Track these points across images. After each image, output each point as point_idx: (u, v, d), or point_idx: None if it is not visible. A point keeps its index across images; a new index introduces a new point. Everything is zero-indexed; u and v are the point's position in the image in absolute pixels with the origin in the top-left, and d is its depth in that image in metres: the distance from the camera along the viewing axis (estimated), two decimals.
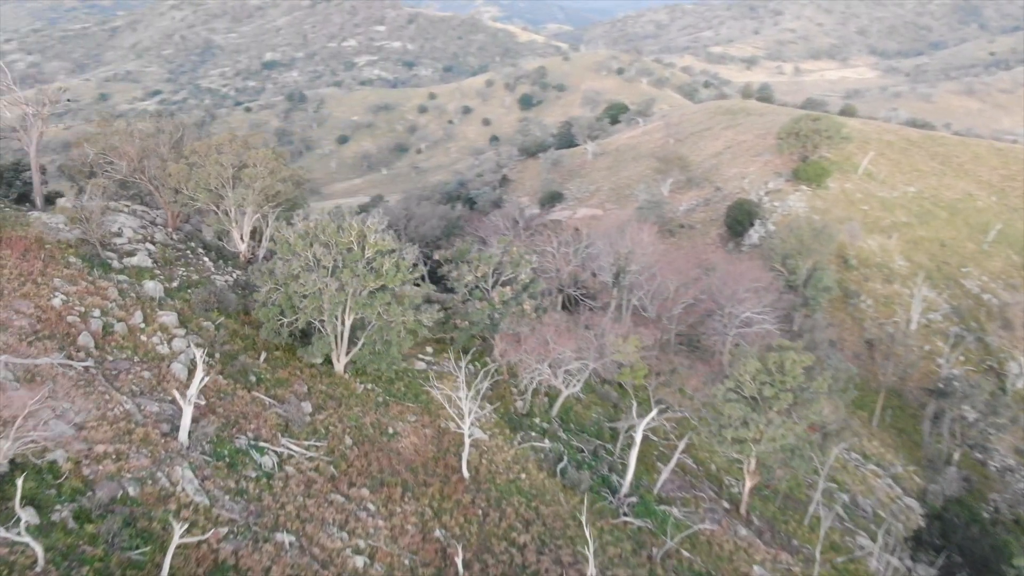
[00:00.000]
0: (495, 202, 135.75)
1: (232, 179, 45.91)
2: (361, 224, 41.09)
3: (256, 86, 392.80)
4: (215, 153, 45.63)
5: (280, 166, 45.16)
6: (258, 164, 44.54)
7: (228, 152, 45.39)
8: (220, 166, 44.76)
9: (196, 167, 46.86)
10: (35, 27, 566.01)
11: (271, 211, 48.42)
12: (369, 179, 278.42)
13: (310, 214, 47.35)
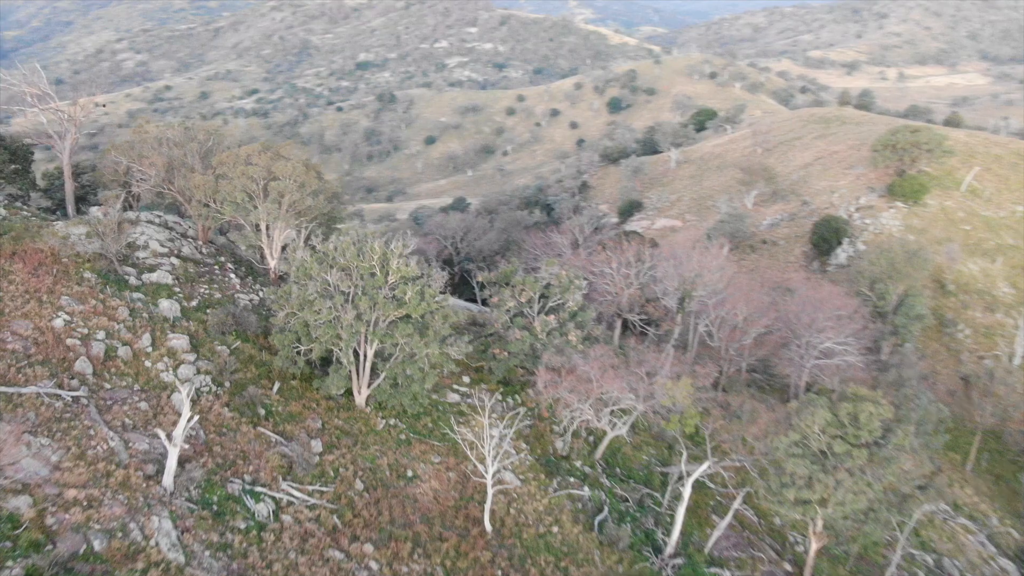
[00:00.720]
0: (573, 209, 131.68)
1: (262, 192, 43.33)
2: (383, 248, 37.68)
3: (349, 86, 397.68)
4: (243, 164, 43.03)
5: (311, 179, 42.09)
6: (287, 177, 41.71)
7: (257, 163, 42.70)
8: (247, 179, 42.14)
9: (223, 179, 44.42)
10: (145, 27, 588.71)
11: (304, 226, 45.56)
12: (454, 180, 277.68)
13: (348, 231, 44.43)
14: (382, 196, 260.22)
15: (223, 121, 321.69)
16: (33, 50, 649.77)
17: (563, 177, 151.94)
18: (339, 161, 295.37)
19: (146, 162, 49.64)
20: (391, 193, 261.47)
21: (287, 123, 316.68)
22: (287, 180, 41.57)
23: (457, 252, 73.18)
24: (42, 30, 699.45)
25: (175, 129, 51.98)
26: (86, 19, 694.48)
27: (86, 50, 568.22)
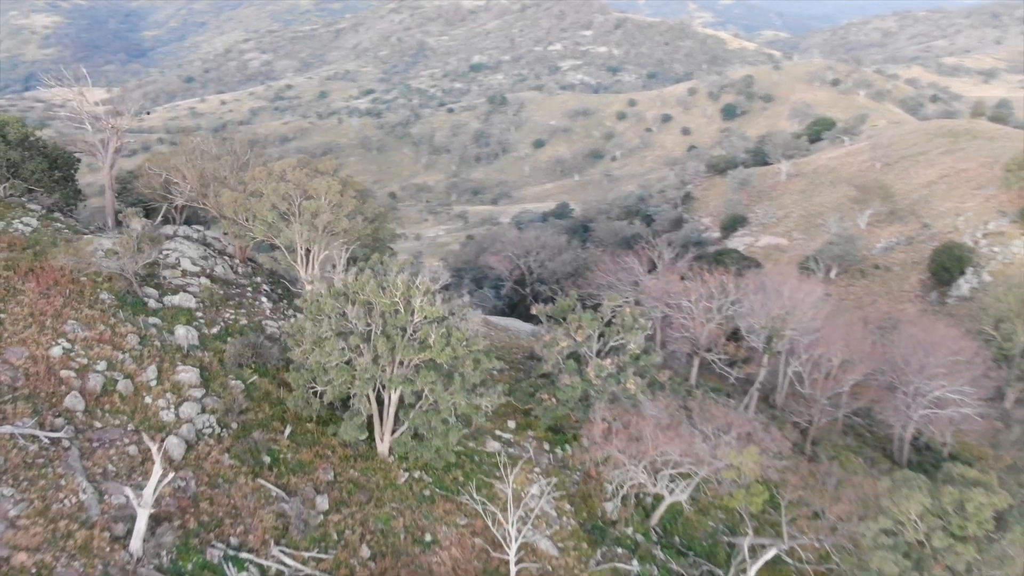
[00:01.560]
0: (674, 221, 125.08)
1: (297, 211, 40.02)
2: (407, 283, 33.67)
3: (462, 88, 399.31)
4: (276, 181, 39.71)
5: (347, 199, 38.33)
6: (321, 196, 38.21)
7: (291, 180, 39.31)
8: (278, 196, 38.83)
9: (254, 196, 41.30)
10: (271, 28, 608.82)
11: (344, 249, 41.98)
12: (560, 184, 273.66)
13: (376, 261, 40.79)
14: (487, 198, 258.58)
15: (338, 120, 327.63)
16: (169, 49, 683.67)
17: (665, 187, 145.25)
18: (447, 162, 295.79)
19: (178, 175, 47.27)
20: (496, 196, 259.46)
21: (399, 123, 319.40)
22: (321, 200, 38.06)
23: (530, 272, 68.40)
24: (179, 30, 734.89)
25: (210, 141, 49.27)
26: (219, 20, 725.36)
27: (216, 50, 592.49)
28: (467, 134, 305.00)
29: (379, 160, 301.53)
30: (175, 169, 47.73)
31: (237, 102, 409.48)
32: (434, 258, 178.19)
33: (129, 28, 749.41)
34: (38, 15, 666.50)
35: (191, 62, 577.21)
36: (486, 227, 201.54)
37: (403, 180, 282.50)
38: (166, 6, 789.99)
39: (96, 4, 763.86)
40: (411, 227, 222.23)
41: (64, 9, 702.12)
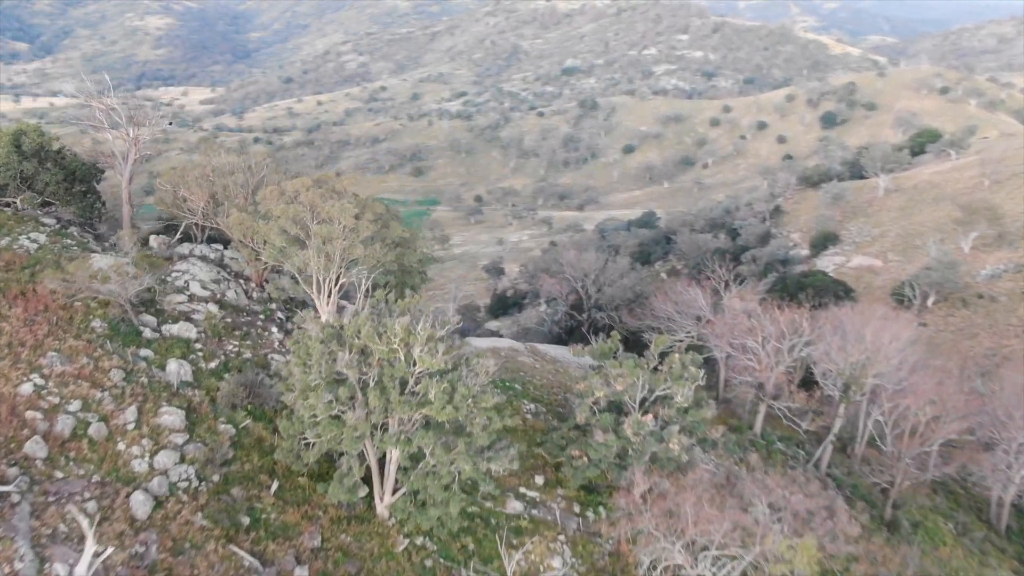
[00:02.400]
0: (761, 236, 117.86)
1: (309, 235, 36.48)
2: (407, 329, 29.35)
3: (553, 91, 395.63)
4: (286, 202, 36.01)
5: (364, 224, 34.19)
6: (335, 220, 34.57)
7: (304, 201, 35.60)
8: (287, 219, 35.20)
9: (262, 218, 38.11)
10: (369, 31, 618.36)
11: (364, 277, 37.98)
12: (649, 191, 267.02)
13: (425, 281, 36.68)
14: (574, 204, 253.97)
15: (428, 122, 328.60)
16: (272, 50, 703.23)
17: (753, 200, 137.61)
18: (535, 166, 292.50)
19: (188, 192, 44.28)
20: (583, 201, 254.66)
21: (488, 126, 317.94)
22: (335, 224, 34.63)
23: (587, 296, 63.30)
24: (282, 32, 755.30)
25: (222, 156, 46.00)
26: (321, 22, 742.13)
27: (316, 51, 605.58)
28: (556, 138, 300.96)
29: (467, 163, 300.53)
30: (187, 186, 44.69)
31: (333, 103, 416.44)
32: (515, 263, 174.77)
33: (236, 30, 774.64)
34: (152, 17, 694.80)
35: (292, 63, 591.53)
36: (569, 233, 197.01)
37: (490, 183, 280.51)
38: (271, 8, 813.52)
39: (206, 6, 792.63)
40: (495, 231, 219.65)
41: (176, 11, 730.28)
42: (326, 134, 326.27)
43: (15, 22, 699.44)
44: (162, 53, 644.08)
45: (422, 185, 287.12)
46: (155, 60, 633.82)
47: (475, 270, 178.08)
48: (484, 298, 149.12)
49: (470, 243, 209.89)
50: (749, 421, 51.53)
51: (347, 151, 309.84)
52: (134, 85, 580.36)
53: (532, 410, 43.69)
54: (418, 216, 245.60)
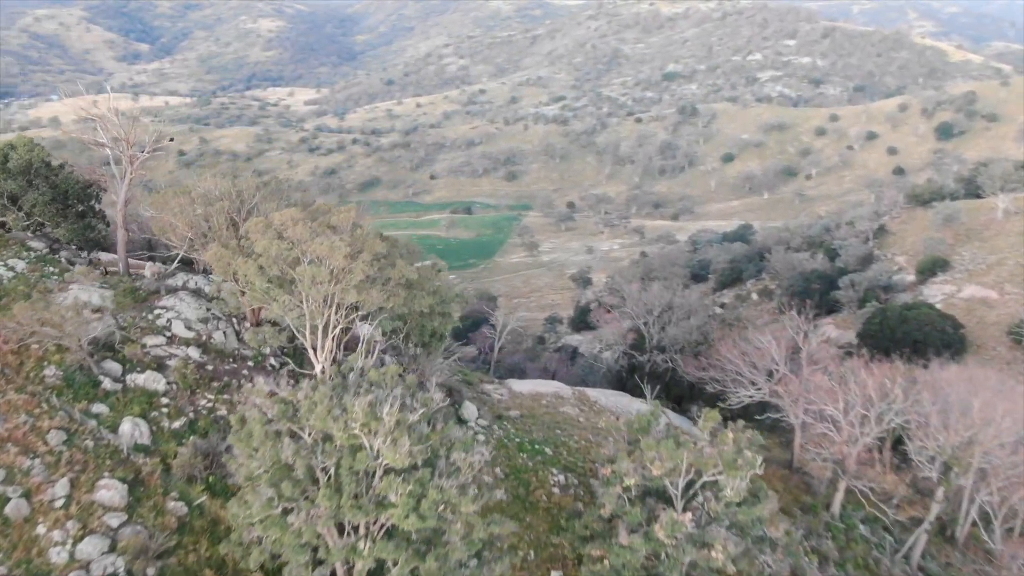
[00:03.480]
0: (862, 258, 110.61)
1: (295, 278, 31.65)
2: (369, 412, 24.39)
3: (653, 97, 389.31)
4: (271, 237, 30.81)
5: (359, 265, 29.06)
6: (325, 259, 29.35)
7: (290, 237, 30.70)
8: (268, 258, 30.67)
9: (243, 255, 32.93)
10: (471, 34, 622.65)
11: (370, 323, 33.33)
12: (747, 202, 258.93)
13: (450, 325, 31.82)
14: (668, 213, 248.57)
15: (524, 127, 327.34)
16: (377, 53, 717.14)
17: (856, 218, 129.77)
18: (630, 173, 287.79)
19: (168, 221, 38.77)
20: (678, 211, 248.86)
21: (584, 131, 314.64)
22: (322, 265, 29.43)
23: (650, 336, 55.08)
24: (387, 35, 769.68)
25: (208, 180, 40.07)
26: (425, 25, 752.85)
27: (419, 54, 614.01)
28: (653, 145, 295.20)
29: (561, 168, 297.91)
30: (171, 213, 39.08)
31: (432, 105, 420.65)
32: (603, 272, 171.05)
33: (343, 32, 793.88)
34: (264, 19, 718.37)
35: (395, 65, 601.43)
36: (661, 244, 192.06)
37: (583, 190, 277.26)
38: (378, 11, 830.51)
39: (316, 10, 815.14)
40: (586, 239, 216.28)
41: (288, 14, 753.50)
42: (422, 136, 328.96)
43: (139, 24, 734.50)
44: (272, 55, 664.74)
45: (515, 190, 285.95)
46: (265, 61, 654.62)
47: (562, 278, 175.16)
48: (568, 309, 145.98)
49: (559, 250, 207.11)
50: (826, 499, 44.36)
51: (442, 154, 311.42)
52: (244, 85, 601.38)
53: (561, 482, 37.61)
54: (508, 221, 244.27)
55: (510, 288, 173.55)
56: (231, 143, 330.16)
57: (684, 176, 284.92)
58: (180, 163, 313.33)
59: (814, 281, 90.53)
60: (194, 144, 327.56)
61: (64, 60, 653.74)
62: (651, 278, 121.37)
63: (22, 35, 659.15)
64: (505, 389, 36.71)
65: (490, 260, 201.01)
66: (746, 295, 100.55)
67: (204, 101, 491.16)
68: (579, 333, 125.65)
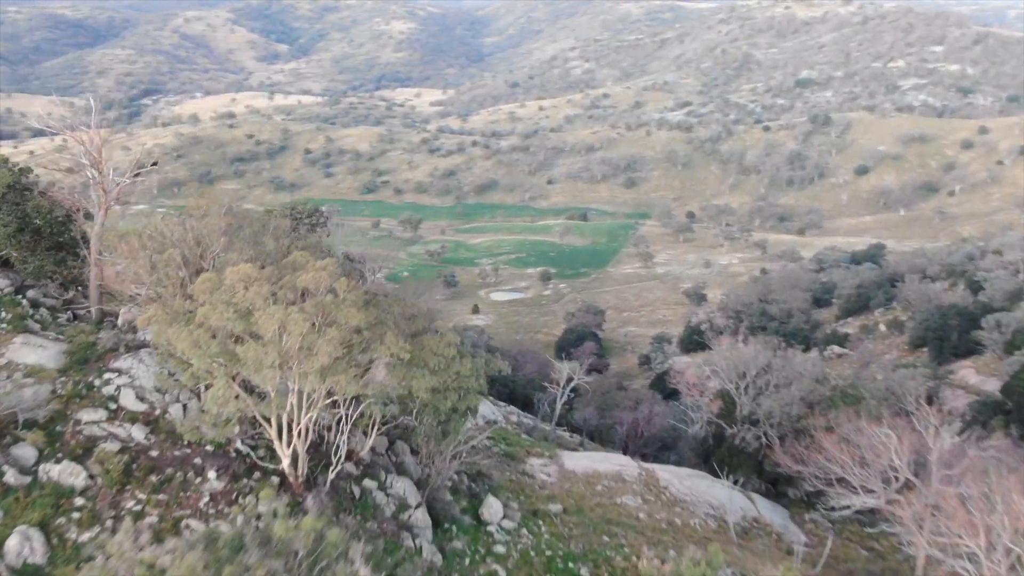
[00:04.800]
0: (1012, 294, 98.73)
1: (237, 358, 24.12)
2: None
3: (784, 104, 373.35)
4: (222, 302, 23.27)
5: (325, 344, 21.91)
6: (277, 337, 22.18)
7: (240, 302, 23.14)
8: (206, 331, 23.51)
9: (182, 323, 24.79)
10: (598, 37, 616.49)
11: (346, 407, 25.38)
12: (881, 219, 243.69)
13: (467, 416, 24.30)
14: (794, 227, 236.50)
15: (646, 132, 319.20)
16: (505, 55, 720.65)
17: (1004, 245, 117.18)
18: (755, 184, 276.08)
19: (114, 265, 31.57)
20: (804, 225, 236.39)
21: (709, 138, 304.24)
22: (268, 347, 22.11)
23: (741, 405, 42.05)
24: (515, 37, 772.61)
25: (158, 223, 31.67)
26: (554, 28, 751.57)
27: (545, 57, 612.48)
28: (781, 155, 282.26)
29: (683, 176, 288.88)
30: (118, 259, 31.76)
31: (554, 108, 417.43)
32: (719, 288, 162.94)
33: (473, 35, 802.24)
34: (397, 21, 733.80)
35: (521, 68, 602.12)
36: (783, 261, 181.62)
37: (704, 199, 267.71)
38: (508, 14, 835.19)
39: (448, 12, 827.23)
40: (704, 251, 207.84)
41: (419, 16, 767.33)
42: (542, 140, 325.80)
43: (280, 25, 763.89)
44: (402, 56, 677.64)
45: (633, 197, 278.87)
46: (395, 63, 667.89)
47: (675, 292, 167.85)
48: (679, 326, 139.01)
49: (675, 262, 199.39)
50: None
51: (561, 158, 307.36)
52: (373, 86, 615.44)
53: None
54: (624, 230, 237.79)
55: (620, 300, 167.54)
56: (355, 142, 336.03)
57: (813, 188, 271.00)
58: (306, 161, 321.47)
59: (952, 317, 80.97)
60: (320, 143, 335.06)
61: (209, 59, 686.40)
62: (769, 300, 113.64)
63: (173, 35, 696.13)
64: (555, 465, 29.94)
65: (602, 269, 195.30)
66: (873, 326, 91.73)
67: (334, 100, 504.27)
68: (688, 355, 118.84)
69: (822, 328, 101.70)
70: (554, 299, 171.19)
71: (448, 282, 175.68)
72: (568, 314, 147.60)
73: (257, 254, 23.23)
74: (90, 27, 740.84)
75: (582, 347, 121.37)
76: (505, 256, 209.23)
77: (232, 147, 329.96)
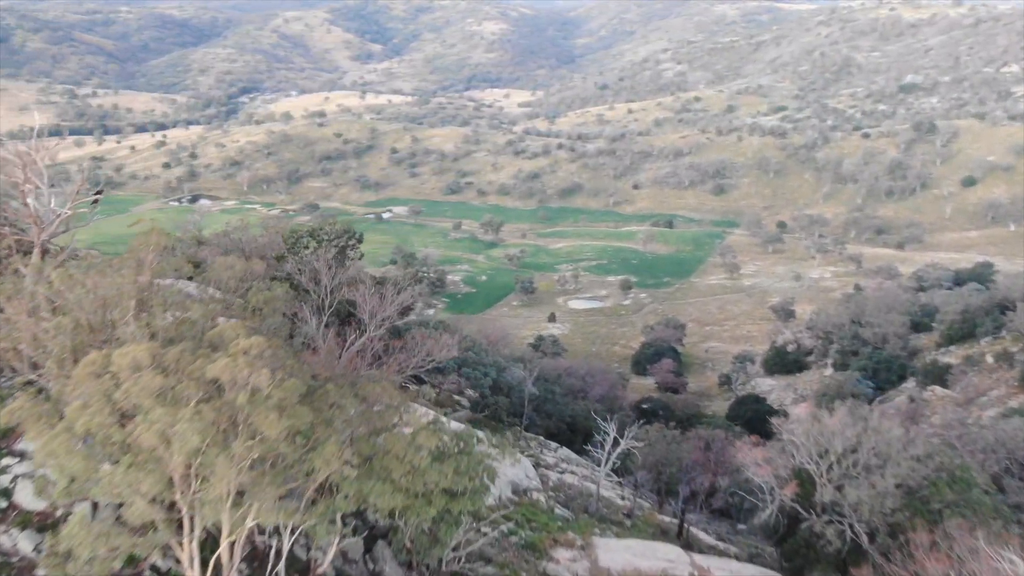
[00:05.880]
0: None
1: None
2: None
3: (886, 110, 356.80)
4: (102, 393, 15.22)
5: (224, 469, 14.59)
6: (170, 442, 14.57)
7: (123, 398, 15.07)
8: (67, 434, 15.33)
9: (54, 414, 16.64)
10: (691, 39, 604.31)
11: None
12: (988, 234, 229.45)
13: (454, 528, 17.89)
14: (892, 241, 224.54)
15: (737, 138, 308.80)
16: (595, 56, 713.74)
17: None
18: (852, 194, 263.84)
19: None
20: (904, 239, 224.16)
21: (803, 145, 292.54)
22: (145, 471, 14.82)
23: (821, 490, 30.30)
24: (607, 39, 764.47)
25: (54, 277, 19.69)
26: (646, 29, 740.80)
27: (636, 59, 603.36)
28: (881, 164, 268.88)
29: (774, 184, 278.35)
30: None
31: (643, 111, 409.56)
32: (809, 304, 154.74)
33: (564, 36, 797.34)
34: (489, 22, 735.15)
35: (611, 70, 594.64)
36: (879, 278, 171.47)
37: (797, 209, 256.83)
38: (600, 15, 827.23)
39: (540, 13, 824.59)
40: (794, 264, 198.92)
41: (512, 17, 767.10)
42: (629, 144, 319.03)
43: (375, 26, 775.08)
44: (493, 56, 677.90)
45: (721, 205, 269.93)
46: (485, 63, 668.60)
47: (762, 307, 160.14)
48: (764, 344, 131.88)
49: (762, 275, 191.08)
50: None
51: (647, 163, 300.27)
52: (463, 86, 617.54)
53: None
54: (711, 238, 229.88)
55: (703, 313, 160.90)
56: (441, 143, 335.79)
57: (914, 200, 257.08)
58: (392, 160, 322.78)
59: None
60: (406, 143, 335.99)
61: (305, 59, 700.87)
62: (863, 322, 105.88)
63: (272, 35, 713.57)
64: (587, 560, 24.29)
65: (686, 280, 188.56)
66: (979, 357, 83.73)
67: (423, 100, 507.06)
68: (772, 377, 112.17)
69: (921, 356, 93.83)
70: (634, 309, 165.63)
71: (525, 288, 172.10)
72: (647, 327, 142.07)
73: (178, 323, 17.16)
74: (195, 26, 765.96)
75: (659, 363, 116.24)
76: (586, 262, 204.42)
77: (320, 145, 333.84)
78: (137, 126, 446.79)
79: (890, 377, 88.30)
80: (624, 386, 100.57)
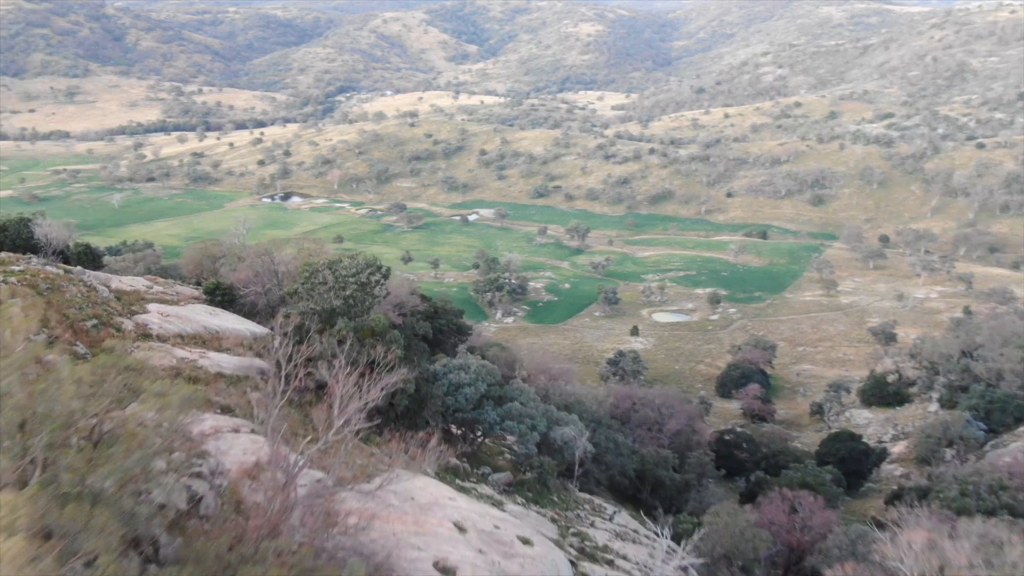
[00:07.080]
0: None
1: None
2: None
3: (1003, 119, 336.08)
4: None
5: None
6: None
7: None
8: None
9: None
10: (793, 42, 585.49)
11: None
12: None
13: None
14: (1007, 261, 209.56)
15: (839, 146, 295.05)
16: (693, 59, 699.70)
17: None
18: (963, 208, 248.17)
19: None
20: (1021, 258, 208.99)
21: (911, 155, 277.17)
22: None
23: None
24: (706, 41, 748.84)
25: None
26: (746, 32, 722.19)
27: (735, 62, 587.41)
28: (996, 176, 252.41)
29: (877, 196, 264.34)
30: None
31: (740, 116, 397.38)
32: (913, 327, 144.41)
33: (661, 38, 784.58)
34: (585, 24, 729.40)
35: (708, 73, 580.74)
36: (992, 303, 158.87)
37: (902, 223, 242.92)
38: (699, 17, 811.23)
39: (637, 14, 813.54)
40: (897, 282, 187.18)
41: (608, 19, 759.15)
42: (723, 150, 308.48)
43: (471, 27, 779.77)
44: (588, 58, 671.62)
45: (820, 216, 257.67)
46: (580, 65, 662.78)
47: (860, 328, 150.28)
48: (862, 369, 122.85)
49: (862, 292, 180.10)
50: None
51: (742, 170, 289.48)
52: (557, 88, 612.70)
53: None
54: (807, 251, 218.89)
55: (795, 332, 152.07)
56: (530, 145, 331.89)
57: None
58: (480, 162, 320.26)
59: None
60: (495, 144, 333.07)
61: (402, 59, 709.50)
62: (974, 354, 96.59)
63: (371, 35, 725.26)
64: None
65: (778, 295, 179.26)
66: None
67: (516, 102, 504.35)
68: (869, 408, 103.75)
69: None
70: (722, 324, 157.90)
71: (609, 299, 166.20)
72: (734, 346, 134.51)
73: None
74: (297, 27, 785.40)
75: (746, 388, 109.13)
76: (673, 273, 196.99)
77: (411, 145, 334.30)
78: (237, 123, 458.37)
79: (1005, 419, 79.60)
80: (705, 414, 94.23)
